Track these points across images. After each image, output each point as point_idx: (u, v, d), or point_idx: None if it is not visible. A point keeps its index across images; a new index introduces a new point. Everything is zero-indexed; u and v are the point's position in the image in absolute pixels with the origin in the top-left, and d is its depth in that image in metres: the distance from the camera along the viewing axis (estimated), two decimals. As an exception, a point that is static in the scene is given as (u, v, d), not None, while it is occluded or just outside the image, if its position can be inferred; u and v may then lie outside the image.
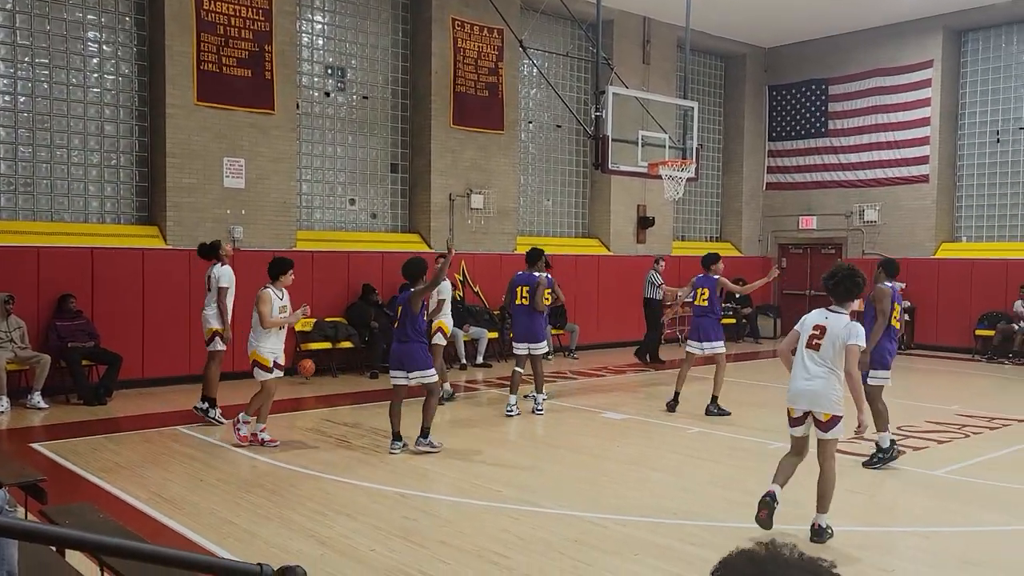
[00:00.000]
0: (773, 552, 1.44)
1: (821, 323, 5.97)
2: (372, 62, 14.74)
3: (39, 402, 10.22)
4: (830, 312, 6.00)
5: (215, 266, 9.90)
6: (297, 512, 6.33)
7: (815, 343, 5.92)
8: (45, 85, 11.67)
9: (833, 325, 5.88)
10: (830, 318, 5.95)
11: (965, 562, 5.51)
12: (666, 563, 5.35)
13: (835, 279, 5.99)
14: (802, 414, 5.97)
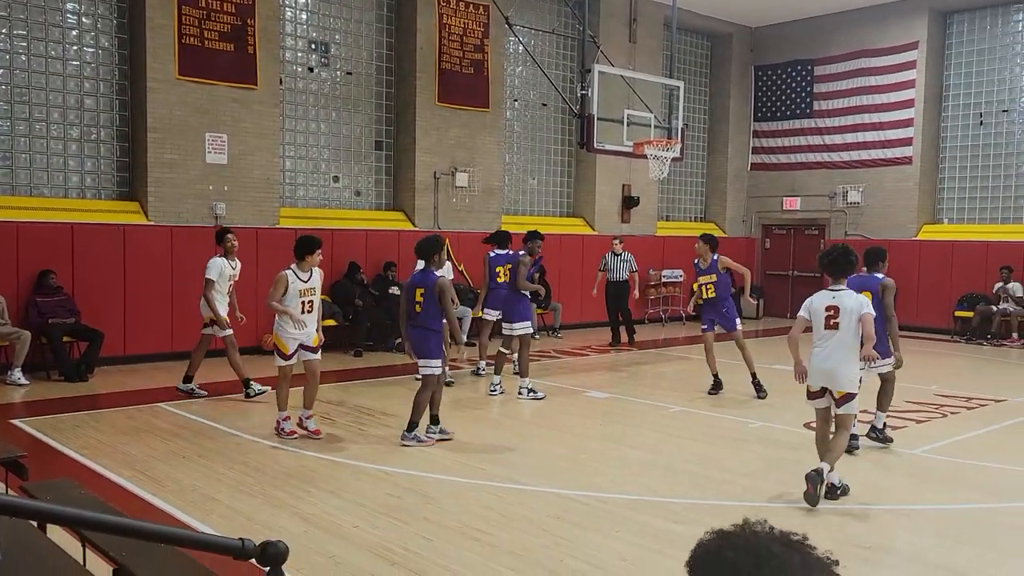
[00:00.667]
0: (747, 530, 1.46)
1: (831, 303, 6.28)
2: (356, 37, 14.60)
3: (19, 378, 10.14)
4: (836, 292, 6.34)
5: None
6: (280, 489, 6.34)
7: (833, 323, 6.24)
8: (23, 57, 11.49)
9: (844, 301, 6.25)
10: (838, 296, 6.30)
11: (943, 539, 5.60)
12: (646, 540, 5.40)
13: (830, 257, 6.37)
14: (820, 389, 6.35)
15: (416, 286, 7.73)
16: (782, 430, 8.61)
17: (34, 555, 3.60)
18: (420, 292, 7.67)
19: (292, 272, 8.05)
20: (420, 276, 7.79)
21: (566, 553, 5.13)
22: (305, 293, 8.05)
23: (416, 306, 7.69)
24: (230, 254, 9.76)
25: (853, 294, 6.35)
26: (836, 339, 6.23)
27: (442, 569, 4.85)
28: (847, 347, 6.21)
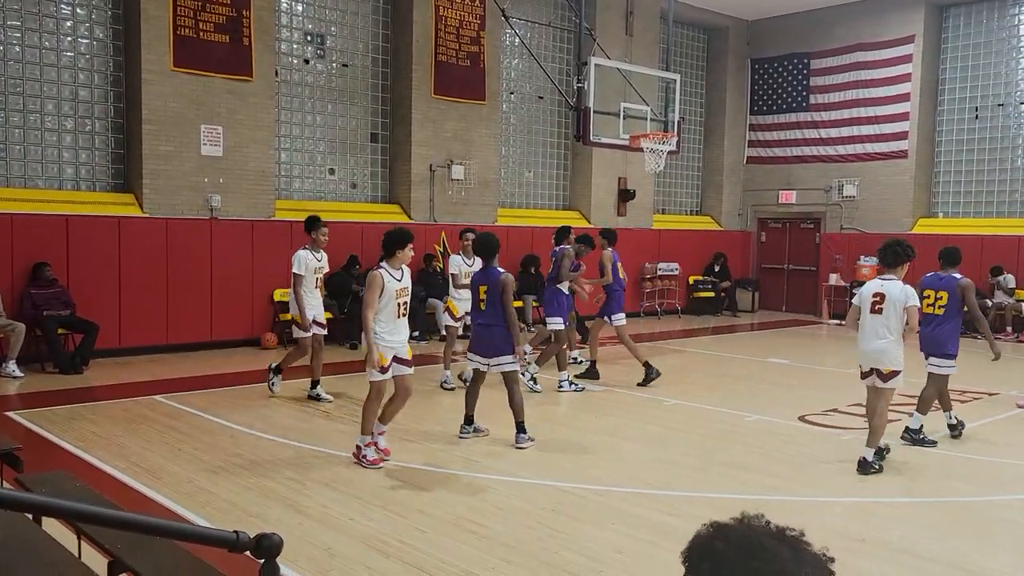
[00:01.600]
0: (742, 523, 1.47)
1: (879, 291, 6.86)
2: (352, 29, 14.57)
3: (14, 370, 10.13)
4: (884, 280, 6.91)
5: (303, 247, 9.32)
6: (275, 481, 6.34)
7: (877, 308, 6.83)
8: (17, 48, 11.44)
9: (891, 290, 6.79)
10: (886, 285, 6.86)
11: (935, 531, 5.63)
12: (641, 532, 5.42)
13: (884, 248, 7.00)
14: (869, 370, 6.94)
15: (479, 285, 7.62)
16: (778, 423, 8.63)
17: (29, 548, 3.60)
18: (483, 289, 7.55)
19: (385, 271, 6.84)
20: (481, 274, 7.70)
21: (561, 545, 5.15)
22: (401, 294, 6.91)
23: (480, 304, 7.57)
24: (316, 246, 9.26)
25: (900, 284, 6.81)
26: (879, 323, 6.77)
27: (437, 561, 4.87)
28: (890, 330, 6.74)
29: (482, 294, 7.56)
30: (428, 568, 4.77)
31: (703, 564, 1.43)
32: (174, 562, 3.49)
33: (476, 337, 7.66)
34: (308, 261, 9.10)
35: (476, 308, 7.66)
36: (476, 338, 7.66)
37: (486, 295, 7.53)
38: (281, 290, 13.06)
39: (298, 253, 9.16)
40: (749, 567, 1.39)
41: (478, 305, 7.62)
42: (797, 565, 1.40)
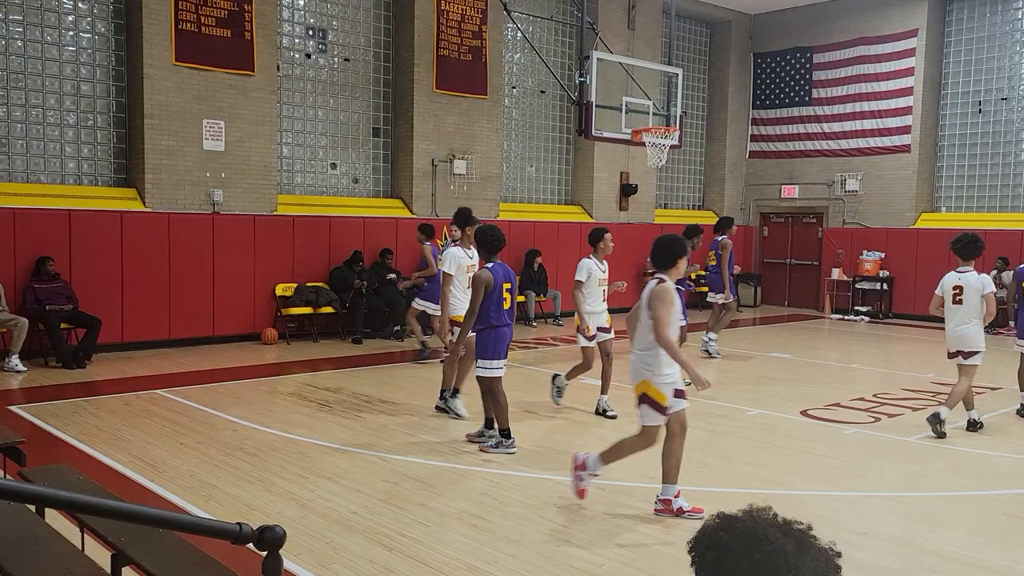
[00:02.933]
0: (749, 515, 1.48)
1: (958, 283, 7.81)
2: (354, 24, 14.55)
3: (17, 365, 10.15)
4: (961, 273, 7.84)
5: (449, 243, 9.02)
6: (278, 475, 6.36)
7: (958, 299, 7.80)
8: (19, 43, 11.44)
9: (968, 281, 7.76)
10: (963, 277, 7.81)
11: (937, 525, 5.63)
12: (643, 525, 5.42)
13: (961, 242, 7.86)
14: (955, 351, 7.91)
15: (503, 282, 7.11)
16: (779, 418, 8.63)
17: (33, 541, 3.61)
18: (507, 287, 7.15)
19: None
20: (502, 269, 7.20)
21: (563, 539, 5.16)
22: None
23: (504, 302, 7.12)
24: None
25: (975, 274, 7.79)
26: (962, 311, 7.77)
27: (439, 555, 4.88)
28: (972, 316, 7.74)
29: (505, 292, 7.12)
30: (430, 562, 4.78)
31: (708, 554, 1.44)
32: (177, 554, 3.49)
33: (503, 339, 7.11)
34: (460, 259, 8.43)
35: (499, 308, 7.07)
36: (504, 340, 7.11)
37: (509, 293, 7.16)
38: (283, 284, 13.08)
39: (450, 250, 8.46)
40: (751, 558, 1.39)
41: (501, 304, 7.09)
42: (801, 558, 1.40)
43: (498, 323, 7.03)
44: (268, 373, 10.62)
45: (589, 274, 8.44)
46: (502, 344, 7.07)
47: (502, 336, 7.06)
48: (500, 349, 7.06)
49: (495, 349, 7.04)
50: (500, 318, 7.04)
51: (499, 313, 7.03)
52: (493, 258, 7.18)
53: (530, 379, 10.60)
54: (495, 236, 7.16)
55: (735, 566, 1.40)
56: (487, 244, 7.16)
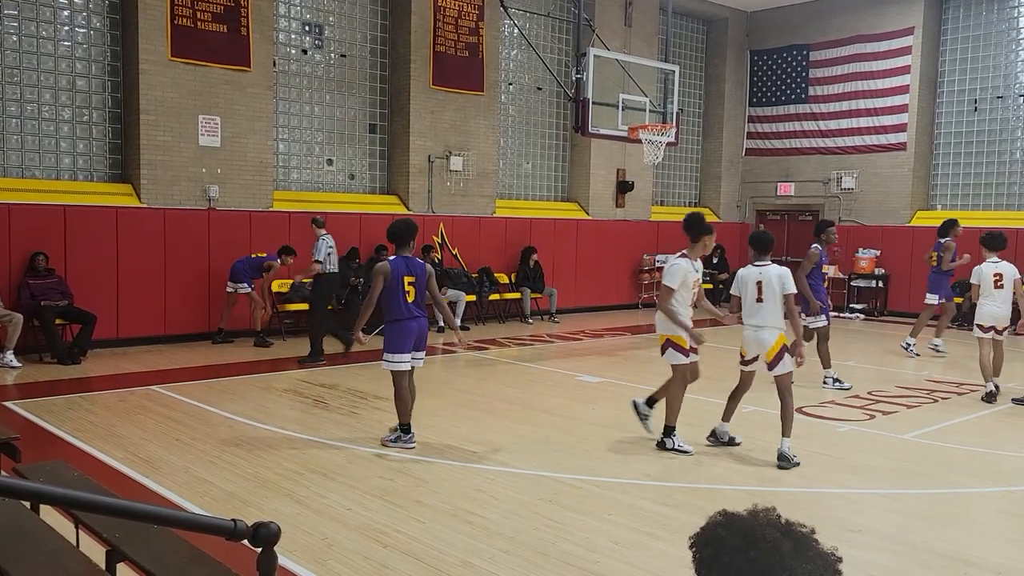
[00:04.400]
0: (752, 514, 1.49)
1: (997, 271, 9.25)
2: (350, 20, 14.52)
3: (12, 361, 10.13)
4: (996, 263, 9.32)
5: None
6: (273, 472, 6.35)
7: (1000, 284, 9.24)
8: (14, 38, 11.40)
9: (1005, 269, 9.30)
10: (1000, 264, 9.32)
11: (931, 522, 5.65)
12: (639, 523, 5.43)
13: (996, 237, 9.48)
14: (990, 326, 9.30)
15: (403, 275, 7.03)
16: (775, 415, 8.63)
17: (27, 536, 3.61)
18: (408, 280, 7.06)
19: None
20: (404, 262, 7.11)
21: (558, 536, 5.17)
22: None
23: (407, 295, 7.05)
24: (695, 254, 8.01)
25: (1010, 265, 9.32)
26: (1003, 294, 9.21)
27: (435, 551, 4.88)
28: (1009, 299, 9.25)
29: (407, 285, 7.04)
30: (426, 558, 4.78)
31: (706, 549, 1.47)
32: (172, 550, 3.49)
33: (408, 333, 7.03)
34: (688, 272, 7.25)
35: (402, 301, 6.99)
36: (408, 334, 7.03)
37: (413, 286, 7.06)
38: (279, 281, 13.06)
39: (677, 262, 7.30)
40: (747, 555, 1.40)
41: (404, 298, 7.01)
42: (797, 559, 1.40)
43: (400, 316, 7.03)
44: (263, 369, 10.61)
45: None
46: (406, 337, 7.03)
47: (406, 329, 7.04)
48: (404, 342, 7.03)
49: (398, 342, 7.02)
50: (403, 311, 7.02)
51: (401, 306, 7.02)
52: (403, 250, 7.15)
53: (527, 376, 10.61)
54: (395, 228, 7.16)
55: (730, 562, 1.41)
56: (392, 236, 7.19)
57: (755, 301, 7.02)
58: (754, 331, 7.05)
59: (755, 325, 7.04)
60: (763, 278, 7.01)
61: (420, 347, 7.16)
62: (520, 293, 15.61)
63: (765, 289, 6.96)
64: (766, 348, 6.96)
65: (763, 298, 6.97)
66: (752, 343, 7.08)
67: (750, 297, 7.05)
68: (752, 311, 7.05)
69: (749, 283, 7.09)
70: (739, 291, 7.18)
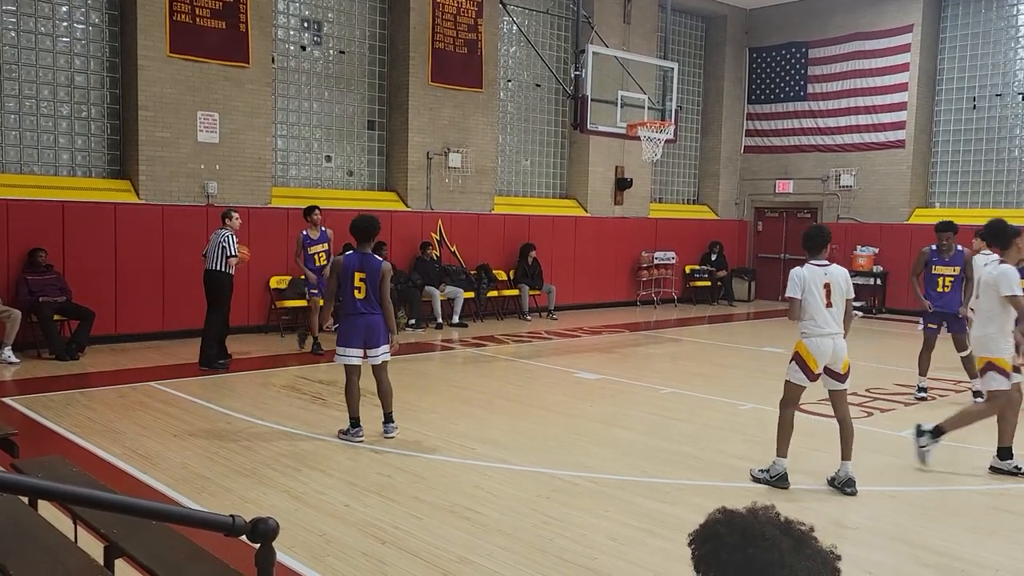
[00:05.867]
0: (751, 512, 1.49)
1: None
2: (349, 16, 14.51)
3: (10, 356, 10.12)
4: None
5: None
6: (271, 468, 6.36)
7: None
8: (12, 34, 11.38)
9: None
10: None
11: (929, 520, 5.66)
12: (636, 520, 5.44)
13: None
14: None
15: (354, 271, 7.07)
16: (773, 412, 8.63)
17: (25, 532, 3.61)
18: (360, 276, 7.08)
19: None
20: (358, 258, 7.15)
21: (556, 532, 5.17)
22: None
23: (357, 291, 7.09)
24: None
25: None
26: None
27: (432, 548, 4.89)
28: None
29: (357, 281, 7.10)
30: (424, 554, 4.79)
31: (704, 546, 1.48)
32: (170, 546, 3.50)
33: (355, 328, 7.10)
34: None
35: (351, 297, 7.10)
36: (355, 330, 7.10)
37: (364, 283, 7.10)
38: (277, 277, 13.06)
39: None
40: (745, 552, 1.41)
41: (352, 293, 7.10)
42: (796, 557, 1.41)
43: (348, 312, 7.13)
44: (262, 366, 10.61)
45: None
46: (353, 333, 7.09)
47: (353, 325, 7.11)
48: (350, 337, 7.09)
49: (346, 337, 7.12)
50: (350, 307, 7.13)
51: (348, 302, 7.13)
52: (363, 247, 7.20)
53: (525, 373, 10.61)
54: (357, 224, 7.23)
55: (728, 559, 1.42)
56: (354, 231, 7.26)
57: (825, 306, 6.19)
58: (832, 339, 6.21)
59: (831, 333, 6.20)
60: (830, 279, 6.26)
61: (372, 344, 7.13)
62: (518, 290, 15.61)
63: (834, 292, 6.25)
64: (843, 358, 6.27)
65: (833, 302, 6.23)
66: (827, 353, 6.20)
67: (817, 299, 6.20)
68: (824, 316, 6.19)
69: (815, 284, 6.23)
70: (801, 293, 6.22)
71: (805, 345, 6.19)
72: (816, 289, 6.18)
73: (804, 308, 6.17)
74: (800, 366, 6.22)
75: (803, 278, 6.22)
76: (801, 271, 6.28)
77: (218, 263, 10.17)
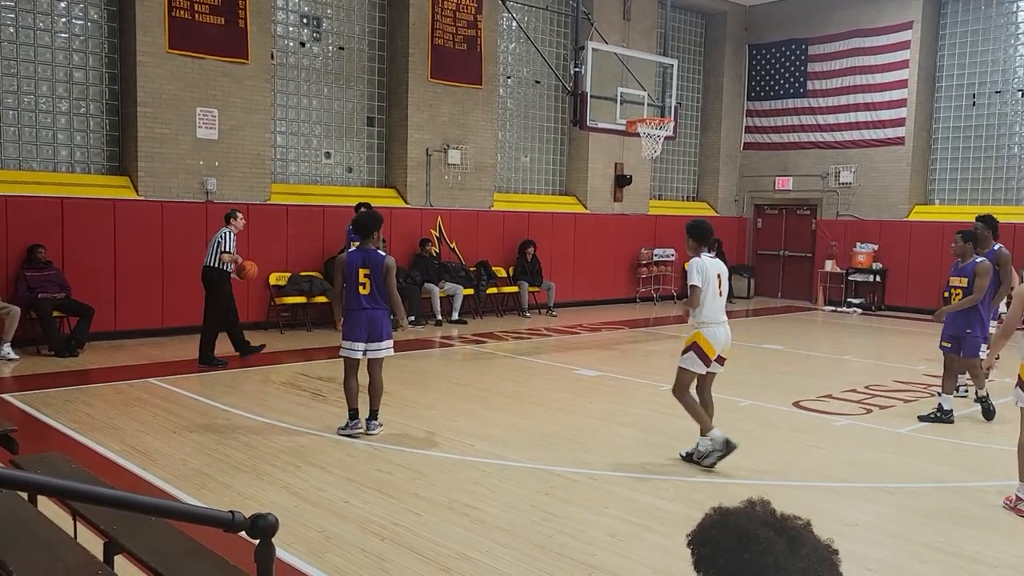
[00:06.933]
0: (746, 511, 1.50)
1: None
2: (348, 12, 14.49)
3: (9, 353, 10.12)
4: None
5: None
6: (271, 464, 6.36)
7: None
8: (11, 29, 11.36)
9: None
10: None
11: (927, 516, 5.67)
12: (635, 516, 5.44)
13: None
14: None
15: (358, 267, 7.16)
16: (772, 409, 8.66)
17: (25, 528, 3.61)
18: (364, 272, 7.17)
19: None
20: (361, 254, 7.23)
21: (555, 529, 5.18)
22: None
23: (361, 287, 7.16)
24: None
25: None
26: None
27: (432, 544, 4.89)
28: None
29: (362, 277, 7.17)
30: (423, 551, 4.79)
31: (702, 549, 1.48)
32: (169, 542, 3.50)
33: (358, 323, 7.16)
34: None
35: (355, 292, 7.16)
36: (358, 324, 7.16)
37: (368, 278, 7.17)
38: (277, 273, 13.06)
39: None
40: (740, 558, 1.42)
41: (357, 289, 7.16)
42: (791, 558, 1.41)
43: (352, 307, 7.23)
44: (261, 362, 10.61)
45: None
46: (356, 327, 7.19)
47: (356, 320, 7.19)
48: (354, 332, 7.19)
49: (349, 332, 7.23)
50: (354, 302, 7.22)
51: (353, 297, 7.22)
52: (365, 243, 7.28)
53: (524, 370, 10.61)
54: (358, 220, 7.41)
55: (725, 563, 1.43)
56: (357, 227, 7.40)
57: (717, 295, 6.47)
58: (724, 327, 6.51)
59: (724, 321, 6.53)
60: (720, 271, 6.54)
61: (375, 338, 7.22)
62: (518, 287, 15.61)
63: (723, 282, 6.55)
64: (729, 344, 6.56)
65: (722, 292, 6.53)
66: (723, 340, 6.48)
67: (713, 290, 6.43)
68: (717, 305, 6.47)
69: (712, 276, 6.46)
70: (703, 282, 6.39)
71: (703, 334, 6.40)
72: (712, 280, 6.41)
73: (702, 298, 6.36)
74: (699, 355, 6.42)
75: (705, 268, 6.41)
76: (702, 262, 6.46)
77: (213, 259, 10.23)
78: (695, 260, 6.48)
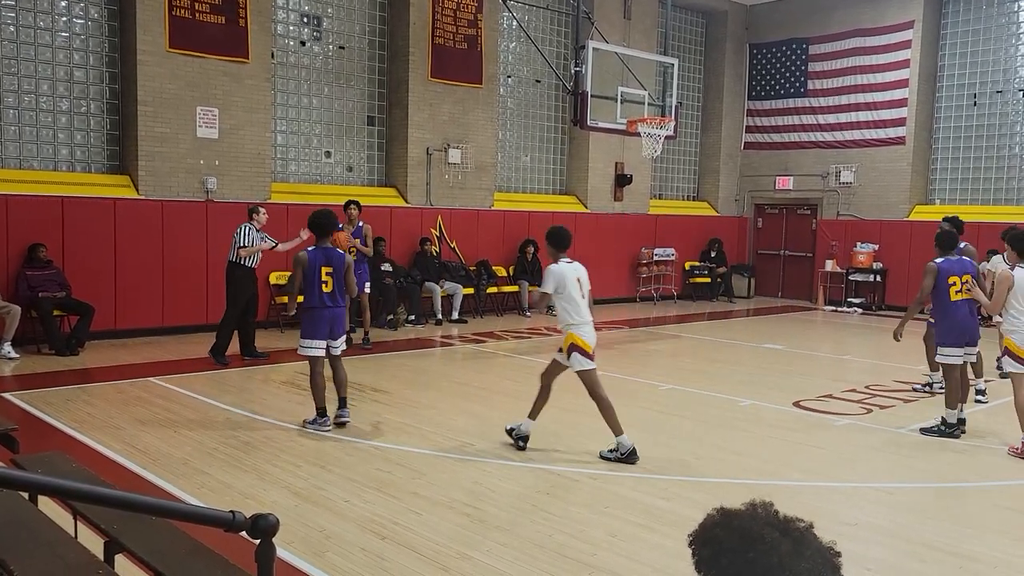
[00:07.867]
0: (749, 512, 1.49)
1: None
2: (349, 11, 14.48)
3: (10, 352, 10.13)
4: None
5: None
6: (271, 464, 6.36)
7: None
8: (11, 28, 11.36)
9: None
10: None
11: (927, 516, 5.67)
12: (636, 516, 5.45)
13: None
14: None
15: (322, 266, 7.32)
16: (772, 409, 8.67)
17: (25, 527, 3.61)
18: (327, 271, 7.33)
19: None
20: (323, 253, 7.38)
21: (555, 528, 5.18)
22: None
23: (324, 285, 7.32)
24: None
25: None
26: None
27: (432, 543, 4.89)
28: None
29: (324, 275, 7.32)
30: (423, 550, 4.80)
31: (704, 550, 1.47)
32: (170, 542, 3.50)
33: (321, 321, 7.30)
34: None
35: (318, 291, 7.29)
36: (321, 322, 7.30)
37: (331, 276, 7.34)
38: (276, 273, 13.05)
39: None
40: (745, 557, 1.41)
41: (320, 288, 7.30)
42: (795, 559, 1.41)
43: (314, 305, 7.34)
44: (262, 361, 10.60)
45: None
46: (319, 325, 7.32)
47: (319, 318, 7.33)
48: (316, 330, 7.32)
49: (311, 330, 7.34)
50: (317, 300, 7.33)
51: (316, 296, 7.33)
52: (322, 241, 7.46)
53: (524, 369, 10.60)
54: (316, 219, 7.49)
55: (729, 564, 1.42)
56: (313, 227, 7.52)
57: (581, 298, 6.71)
58: (592, 327, 6.78)
59: (591, 321, 6.79)
60: (579, 274, 6.77)
61: (336, 335, 7.44)
62: (518, 286, 15.61)
63: (583, 285, 6.77)
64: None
65: (584, 295, 6.77)
66: (593, 339, 6.78)
67: (574, 293, 6.68)
68: (583, 307, 6.73)
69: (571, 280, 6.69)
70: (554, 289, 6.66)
71: (577, 335, 6.67)
72: (572, 284, 6.64)
73: (567, 302, 6.64)
74: (583, 354, 6.69)
75: (562, 274, 6.65)
76: (558, 268, 6.68)
77: (232, 254, 10.40)
78: (551, 267, 6.73)
